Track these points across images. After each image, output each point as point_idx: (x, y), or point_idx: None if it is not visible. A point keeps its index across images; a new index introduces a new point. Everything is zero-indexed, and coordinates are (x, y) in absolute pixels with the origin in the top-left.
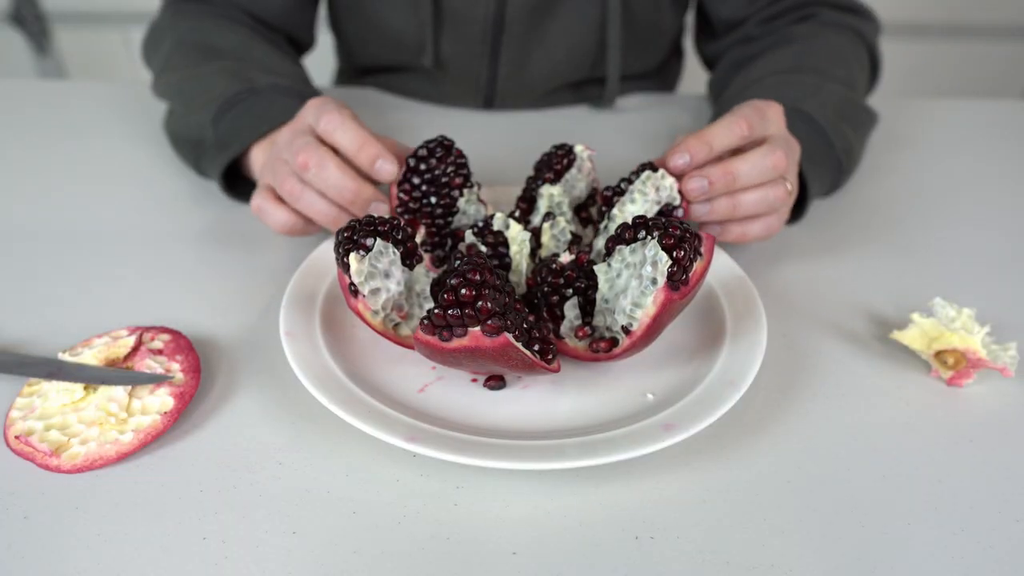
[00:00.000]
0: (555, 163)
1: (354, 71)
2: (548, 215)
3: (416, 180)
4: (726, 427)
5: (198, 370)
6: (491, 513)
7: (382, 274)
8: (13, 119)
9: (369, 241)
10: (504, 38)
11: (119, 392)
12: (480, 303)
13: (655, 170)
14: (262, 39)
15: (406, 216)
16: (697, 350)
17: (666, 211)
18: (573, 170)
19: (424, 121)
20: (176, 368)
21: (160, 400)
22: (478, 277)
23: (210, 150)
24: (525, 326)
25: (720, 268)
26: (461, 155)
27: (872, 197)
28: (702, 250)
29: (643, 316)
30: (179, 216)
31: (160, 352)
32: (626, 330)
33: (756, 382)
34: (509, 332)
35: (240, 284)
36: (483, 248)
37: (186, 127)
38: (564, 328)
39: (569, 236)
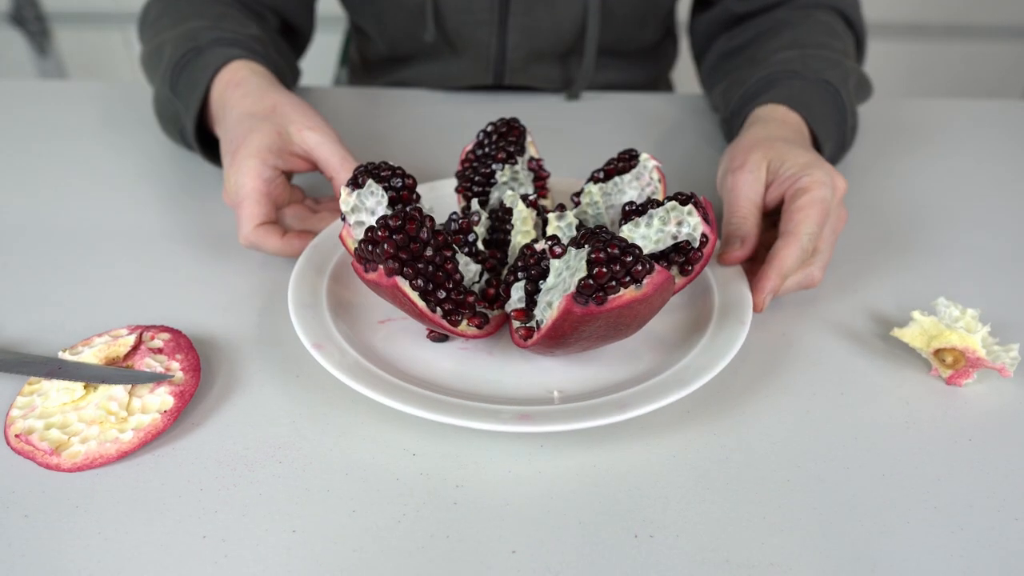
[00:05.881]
0: (610, 164)
1: (365, 67)
2: (560, 206)
3: (480, 152)
4: (725, 426)
5: (198, 369)
6: (491, 512)
7: (368, 211)
8: (13, 119)
9: (362, 179)
10: (511, 5)
11: (119, 391)
12: (385, 245)
13: (684, 204)
14: (237, 10)
15: (462, 183)
16: (695, 323)
17: (683, 248)
18: (628, 176)
19: (429, 112)
20: (176, 367)
21: (160, 399)
22: (398, 223)
23: (183, 119)
24: (445, 284)
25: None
26: (521, 136)
27: (873, 196)
28: (644, 281)
29: (547, 318)
30: (179, 215)
31: (160, 351)
32: (539, 325)
33: (755, 381)
34: (407, 279)
35: (240, 283)
36: (486, 219)
37: (159, 103)
38: (508, 307)
39: (575, 232)
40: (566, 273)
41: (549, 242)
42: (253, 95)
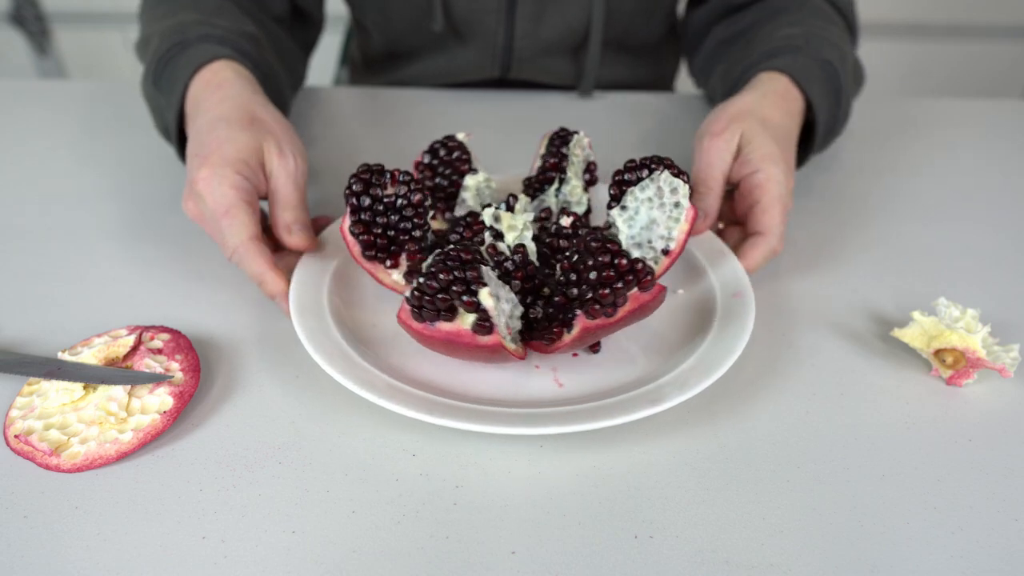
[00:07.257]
0: (463, 154)
1: (366, 65)
2: (512, 196)
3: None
4: (725, 425)
5: (197, 369)
6: (490, 513)
7: (493, 296)
8: (13, 119)
9: (479, 275)
10: None
11: (119, 391)
12: (638, 266)
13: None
14: (239, 4)
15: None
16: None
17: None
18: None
19: (431, 110)
20: (175, 367)
21: (159, 399)
22: (614, 247)
23: (167, 115)
24: None
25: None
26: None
27: (873, 195)
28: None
29: (679, 234)
30: (179, 215)
31: (160, 351)
32: (665, 252)
33: (755, 381)
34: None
35: (240, 284)
36: (501, 244)
37: (145, 95)
38: None
39: (532, 210)
40: (645, 207)
41: (570, 217)
42: (232, 100)
